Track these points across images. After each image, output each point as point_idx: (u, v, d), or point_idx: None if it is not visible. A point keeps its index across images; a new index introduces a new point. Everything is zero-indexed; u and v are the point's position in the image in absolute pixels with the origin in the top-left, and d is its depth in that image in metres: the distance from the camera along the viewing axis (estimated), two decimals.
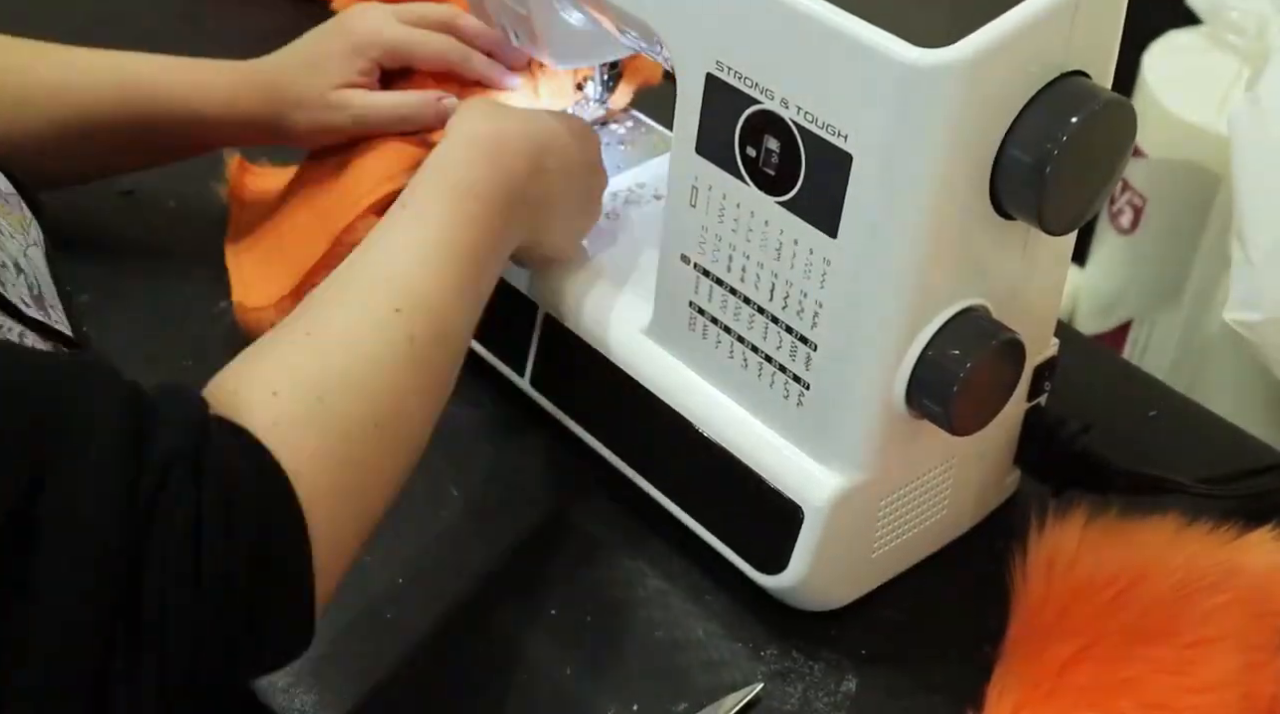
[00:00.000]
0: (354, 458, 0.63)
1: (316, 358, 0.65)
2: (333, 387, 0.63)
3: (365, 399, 0.65)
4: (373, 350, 0.66)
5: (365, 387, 0.65)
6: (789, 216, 0.69)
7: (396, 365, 0.66)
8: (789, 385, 0.73)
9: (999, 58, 0.63)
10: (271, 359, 0.65)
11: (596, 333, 0.82)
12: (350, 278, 0.69)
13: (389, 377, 0.66)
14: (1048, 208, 0.66)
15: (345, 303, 0.68)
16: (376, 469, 0.65)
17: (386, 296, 0.68)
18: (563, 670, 0.75)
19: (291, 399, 0.62)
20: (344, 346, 0.65)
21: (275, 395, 0.61)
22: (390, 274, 0.69)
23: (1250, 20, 1.40)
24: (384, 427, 0.65)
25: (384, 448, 0.65)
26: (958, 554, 0.82)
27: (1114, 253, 1.61)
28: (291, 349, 0.65)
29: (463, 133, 0.77)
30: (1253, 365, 1.26)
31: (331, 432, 0.62)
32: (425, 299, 0.69)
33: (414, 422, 0.68)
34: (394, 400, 0.66)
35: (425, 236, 0.71)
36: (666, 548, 0.81)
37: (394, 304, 0.67)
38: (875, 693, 0.75)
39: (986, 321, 0.70)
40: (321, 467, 0.61)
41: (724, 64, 0.69)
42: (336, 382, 0.64)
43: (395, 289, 0.68)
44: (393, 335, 0.66)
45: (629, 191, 0.91)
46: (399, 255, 0.70)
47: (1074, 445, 0.81)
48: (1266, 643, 0.74)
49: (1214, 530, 0.79)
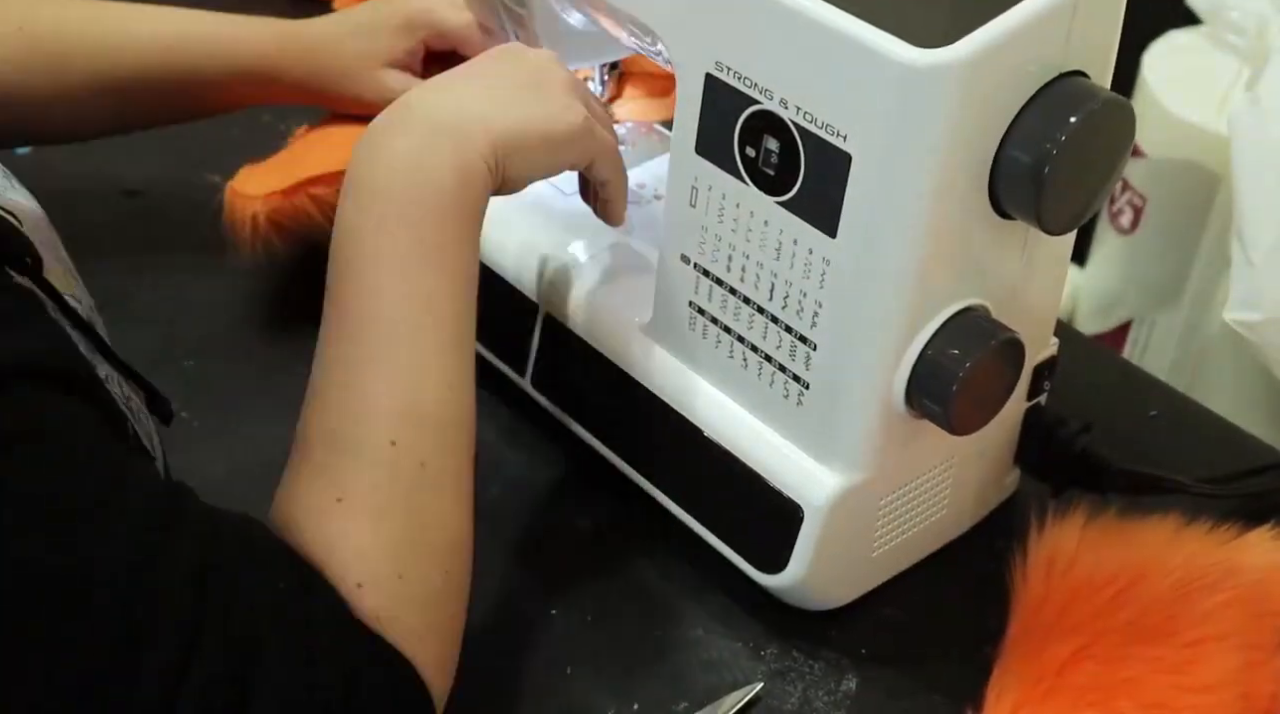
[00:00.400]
0: (442, 621, 0.64)
1: (368, 529, 0.62)
2: (404, 561, 0.62)
3: (426, 555, 0.64)
4: (404, 501, 0.63)
5: (420, 541, 0.63)
6: (788, 216, 0.69)
7: (428, 499, 0.64)
8: (789, 385, 0.73)
9: (998, 58, 0.63)
10: (323, 531, 0.62)
11: (597, 333, 0.82)
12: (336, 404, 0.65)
13: (431, 517, 0.64)
14: (1047, 208, 0.66)
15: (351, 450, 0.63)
16: (458, 616, 0.66)
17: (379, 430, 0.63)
18: (563, 670, 0.75)
19: (377, 589, 0.61)
20: (378, 511, 0.63)
21: (360, 587, 0.61)
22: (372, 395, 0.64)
23: (1250, 20, 1.40)
24: (451, 573, 0.65)
25: (454, 589, 0.65)
26: (957, 554, 0.82)
27: (1114, 253, 1.61)
28: (339, 528, 0.62)
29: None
30: (1253, 365, 1.26)
31: (418, 603, 0.63)
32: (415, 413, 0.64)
33: (463, 536, 0.66)
34: (442, 536, 0.65)
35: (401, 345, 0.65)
36: (666, 547, 0.82)
37: (389, 435, 0.63)
38: (875, 692, 0.75)
39: (986, 321, 0.70)
40: (429, 644, 0.62)
41: (723, 64, 0.69)
42: (402, 556, 0.62)
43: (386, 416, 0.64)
44: (407, 469, 0.63)
45: (629, 192, 0.91)
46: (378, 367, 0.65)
47: (1074, 445, 0.81)
48: (1266, 642, 0.74)
49: (1213, 530, 0.79)
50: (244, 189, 0.91)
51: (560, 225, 0.88)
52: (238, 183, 0.92)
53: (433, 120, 0.68)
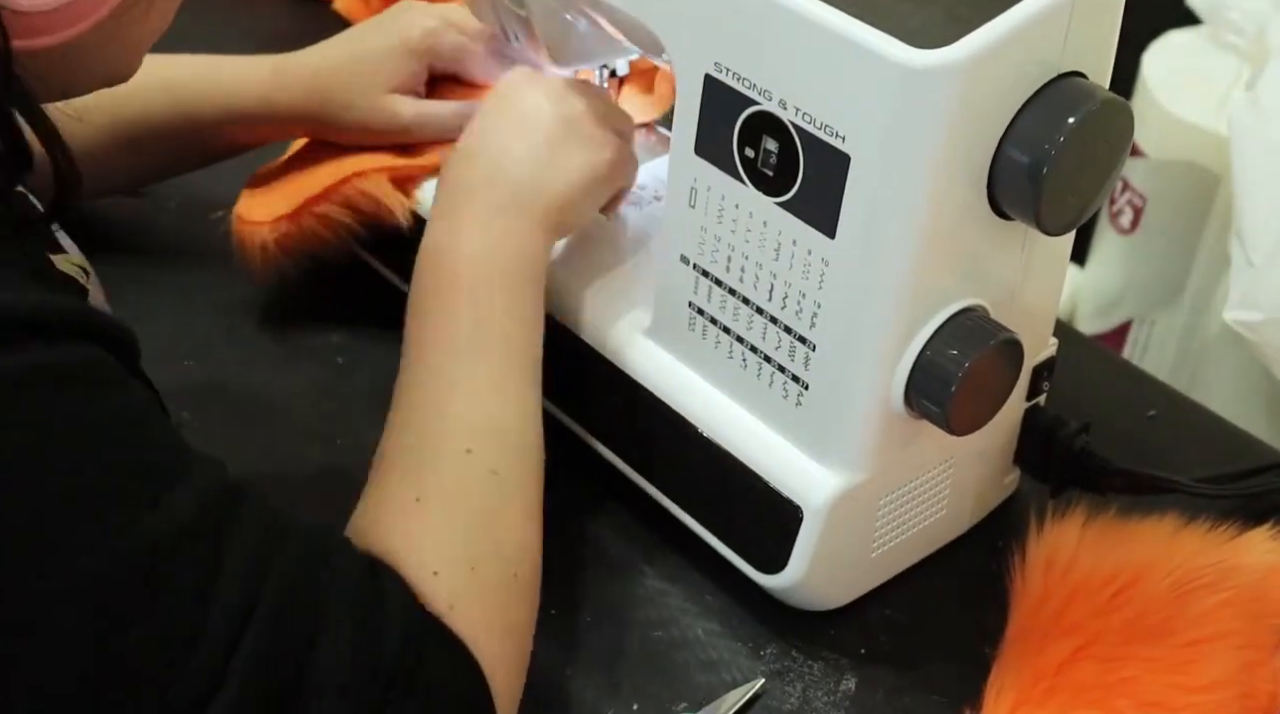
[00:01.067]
0: (510, 622, 0.65)
1: (444, 523, 0.65)
2: (478, 552, 0.65)
3: (497, 553, 0.66)
4: (478, 501, 0.67)
5: (492, 540, 0.66)
6: (787, 217, 0.69)
7: (499, 505, 0.68)
8: (788, 385, 0.73)
9: (996, 58, 0.63)
10: (402, 527, 0.65)
11: (596, 333, 0.82)
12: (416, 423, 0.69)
13: (502, 520, 0.67)
14: (1045, 208, 0.66)
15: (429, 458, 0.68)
16: (525, 625, 0.67)
17: (456, 439, 0.68)
18: (563, 670, 0.75)
19: (451, 576, 0.63)
20: (453, 506, 0.66)
21: (436, 575, 0.63)
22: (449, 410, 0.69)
23: (1250, 20, 1.40)
24: (520, 577, 0.67)
25: (523, 593, 0.67)
26: (957, 554, 0.82)
27: (1114, 253, 1.61)
28: (418, 522, 0.65)
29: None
30: (1253, 365, 1.26)
31: (491, 599, 0.65)
32: (490, 427, 0.69)
33: (533, 546, 0.69)
34: (512, 539, 0.67)
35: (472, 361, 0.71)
36: (666, 548, 0.82)
37: (465, 444, 0.68)
38: (874, 692, 0.75)
39: (985, 322, 0.70)
40: (496, 640, 0.63)
41: (722, 65, 0.69)
42: (474, 547, 0.65)
43: (461, 427, 0.69)
44: (480, 474, 0.67)
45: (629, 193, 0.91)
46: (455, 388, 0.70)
47: (1073, 445, 0.81)
48: (1264, 642, 0.74)
49: (1212, 530, 0.79)
50: (250, 216, 0.91)
51: None
52: (242, 209, 0.91)
53: (491, 203, 0.75)
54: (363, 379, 0.92)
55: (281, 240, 0.90)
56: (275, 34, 0.95)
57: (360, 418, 0.86)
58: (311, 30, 0.98)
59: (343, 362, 0.94)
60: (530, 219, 0.75)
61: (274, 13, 1.19)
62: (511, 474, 0.69)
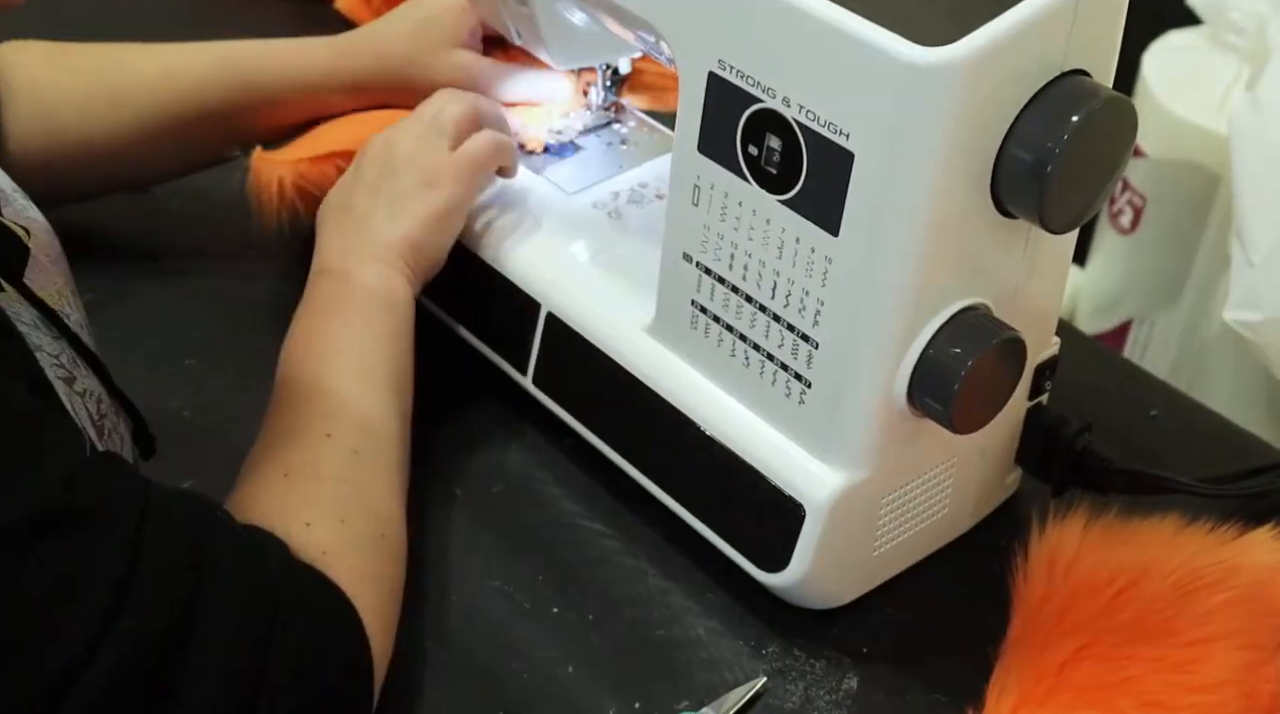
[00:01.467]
0: (381, 575, 0.70)
1: (313, 489, 0.71)
2: (345, 509, 0.70)
3: (364, 512, 0.71)
4: (342, 473, 0.72)
5: (358, 502, 0.72)
6: (791, 215, 0.69)
7: (363, 476, 0.73)
8: (790, 383, 0.73)
9: (1000, 56, 0.63)
10: (275, 497, 0.70)
11: (599, 331, 0.82)
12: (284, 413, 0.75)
13: (367, 488, 0.73)
14: (1049, 206, 0.66)
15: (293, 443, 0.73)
16: (395, 580, 0.72)
17: (317, 425, 0.74)
18: (564, 669, 0.75)
19: (322, 528, 0.68)
20: (319, 477, 0.71)
21: (308, 526, 0.68)
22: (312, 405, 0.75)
23: (1250, 20, 1.40)
24: (387, 538, 0.72)
25: (390, 554, 0.72)
26: (959, 553, 0.82)
27: (1114, 253, 1.61)
28: (286, 488, 0.70)
29: None
30: (1253, 365, 1.26)
31: (362, 550, 0.70)
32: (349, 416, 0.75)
33: (397, 517, 0.74)
34: (378, 505, 0.73)
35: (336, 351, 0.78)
36: (667, 546, 0.82)
37: (325, 430, 0.73)
38: (876, 691, 0.75)
39: (988, 320, 0.70)
40: (367, 588, 0.68)
41: (726, 62, 0.69)
42: (342, 505, 0.70)
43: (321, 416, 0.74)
44: (341, 452, 0.73)
45: (631, 191, 0.91)
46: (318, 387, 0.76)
47: (1075, 445, 0.81)
48: (1266, 642, 0.74)
49: (1214, 530, 0.79)
50: (271, 155, 0.92)
51: (562, 224, 0.88)
52: (264, 150, 0.92)
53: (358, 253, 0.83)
54: None
55: (298, 180, 0.91)
56: (277, 34, 0.95)
57: None
58: (312, 30, 0.98)
59: None
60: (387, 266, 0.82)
61: (275, 12, 1.19)
62: (372, 454, 0.74)
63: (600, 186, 0.91)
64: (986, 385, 0.71)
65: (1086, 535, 0.79)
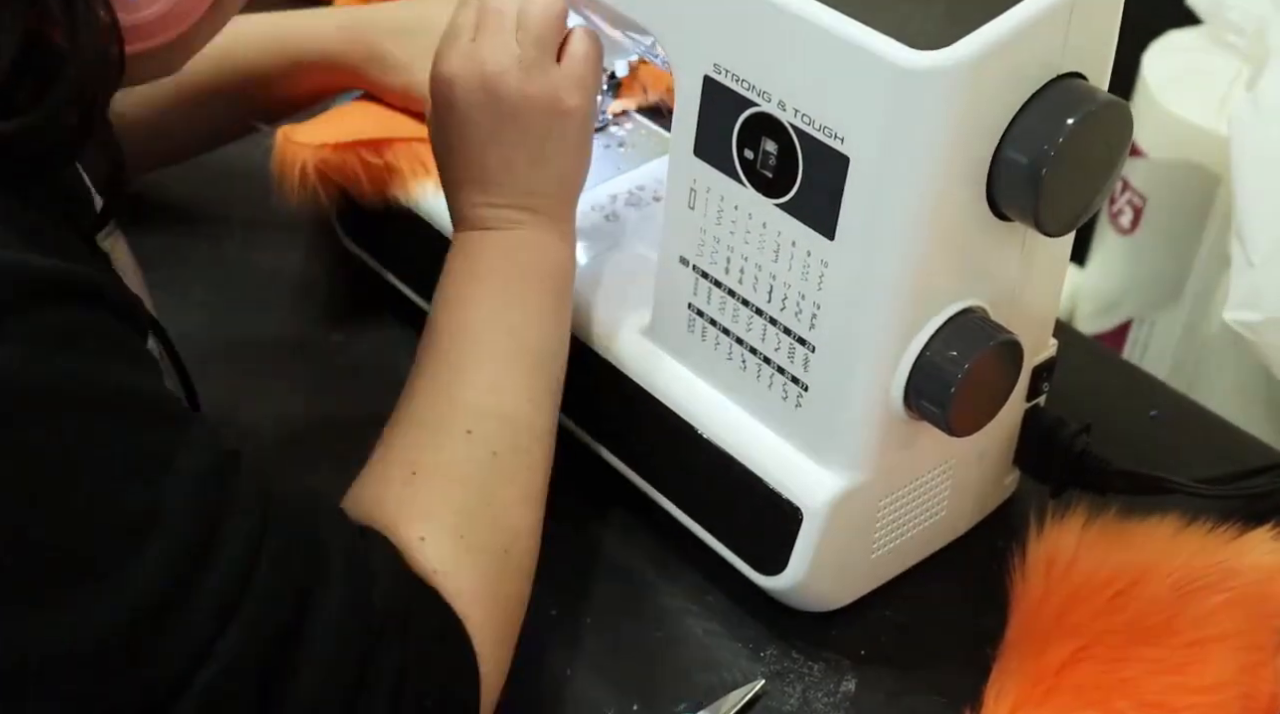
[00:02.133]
0: (498, 593, 0.67)
1: (437, 494, 0.67)
2: (468, 523, 0.67)
3: (489, 527, 0.68)
4: (474, 479, 0.69)
5: (484, 515, 0.68)
6: (787, 218, 0.69)
7: (496, 484, 0.69)
8: (787, 387, 0.73)
9: (995, 60, 0.63)
10: (396, 500, 0.67)
11: (596, 335, 0.82)
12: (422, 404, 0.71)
13: (497, 499, 0.69)
14: (1045, 209, 0.66)
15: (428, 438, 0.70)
16: (515, 599, 0.69)
17: (458, 421, 0.70)
18: (563, 670, 0.75)
19: (438, 544, 0.65)
20: (447, 482, 0.68)
21: (422, 541, 0.65)
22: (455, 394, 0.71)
23: (1250, 20, 1.40)
24: (512, 553, 0.68)
25: (514, 570, 0.69)
26: (957, 555, 0.82)
27: (1114, 253, 1.61)
28: (409, 493, 0.67)
29: None
30: (1253, 365, 1.26)
31: (480, 568, 0.66)
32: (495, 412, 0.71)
33: (528, 527, 0.70)
34: (506, 517, 0.69)
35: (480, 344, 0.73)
36: (666, 548, 0.82)
37: (466, 425, 0.70)
38: (874, 693, 0.75)
39: (984, 323, 0.70)
40: (481, 606, 0.65)
41: (722, 67, 0.69)
42: (465, 520, 0.67)
43: (465, 409, 0.70)
44: (479, 454, 0.69)
45: (628, 194, 0.91)
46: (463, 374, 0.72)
47: (1073, 446, 0.81)
48: (1266, 643, 0.74)
49: (1213, 531, 0.79)
50: (296, 137, 0.92)
51: None
52: (289, 130, 0.92)
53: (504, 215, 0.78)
54: (362, 379, 0.92)
55: (320, 167, 0.91)
56: None
57: (359, 418, 0.86)
58: None
59: (342, 362, 0.94)
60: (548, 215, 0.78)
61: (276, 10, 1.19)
62: (512, 458, 0.70)
63: (598, 189, 0.91)
64: (983, 388, 0.71)
65: (1085, 536, 0.79)
